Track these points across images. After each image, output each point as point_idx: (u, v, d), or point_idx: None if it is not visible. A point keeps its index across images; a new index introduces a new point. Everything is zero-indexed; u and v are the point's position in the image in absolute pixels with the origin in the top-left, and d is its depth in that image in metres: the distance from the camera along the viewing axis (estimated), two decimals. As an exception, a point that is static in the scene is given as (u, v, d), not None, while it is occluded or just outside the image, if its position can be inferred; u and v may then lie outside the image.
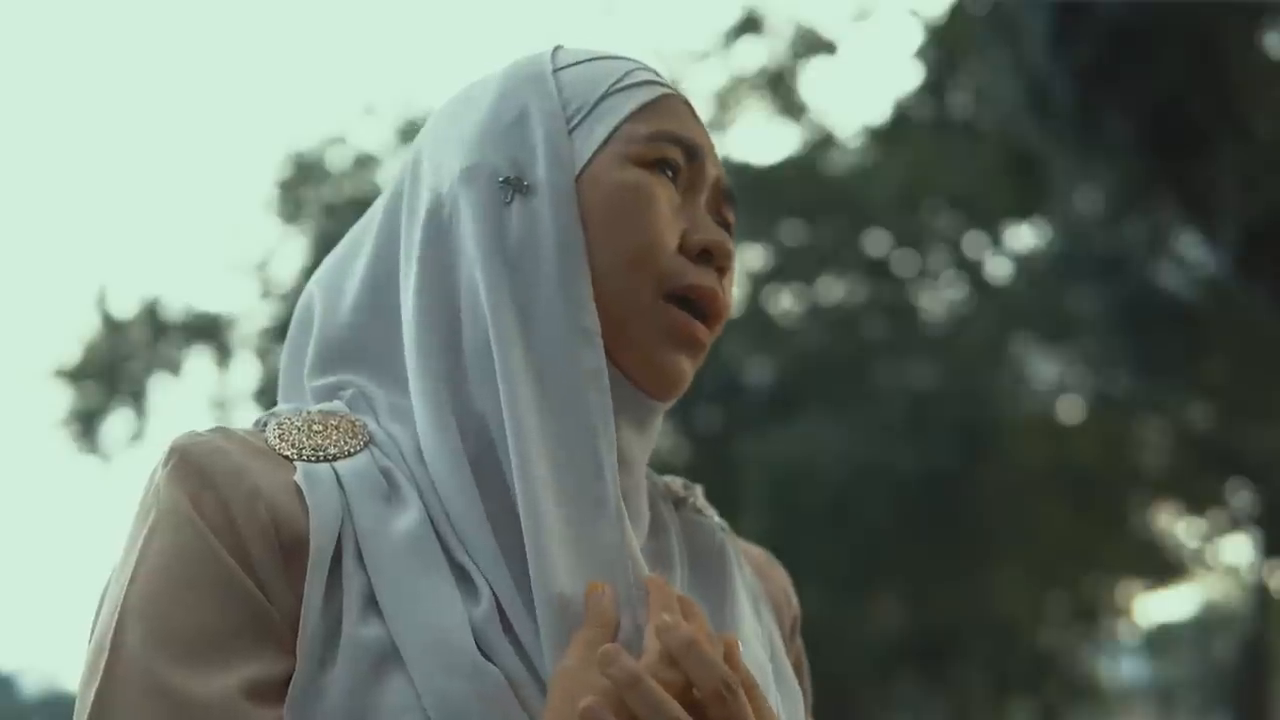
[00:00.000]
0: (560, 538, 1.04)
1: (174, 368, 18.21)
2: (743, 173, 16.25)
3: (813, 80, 22.76)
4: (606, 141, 1.14)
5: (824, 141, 17.08)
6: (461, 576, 1.03)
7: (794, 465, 13.65)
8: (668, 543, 1.20)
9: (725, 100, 17.11)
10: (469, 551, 1.04)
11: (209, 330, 17.97)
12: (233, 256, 18.14)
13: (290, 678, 0.99)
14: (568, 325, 1.09)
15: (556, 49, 1.22)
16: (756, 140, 25.46)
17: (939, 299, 16.71)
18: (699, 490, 1.29)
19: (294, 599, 1.00)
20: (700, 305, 1.13)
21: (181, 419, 18.57)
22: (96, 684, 0.98)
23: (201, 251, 30.90)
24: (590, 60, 1.20)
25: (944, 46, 13.98)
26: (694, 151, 1.17)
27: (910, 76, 16.09)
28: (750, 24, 16.79)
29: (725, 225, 1.20)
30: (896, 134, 15.86)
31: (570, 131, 1.15)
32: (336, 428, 1.10)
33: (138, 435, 18.00)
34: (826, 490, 13.61)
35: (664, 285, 1.12)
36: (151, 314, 18.02)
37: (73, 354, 18.18)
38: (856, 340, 16.14)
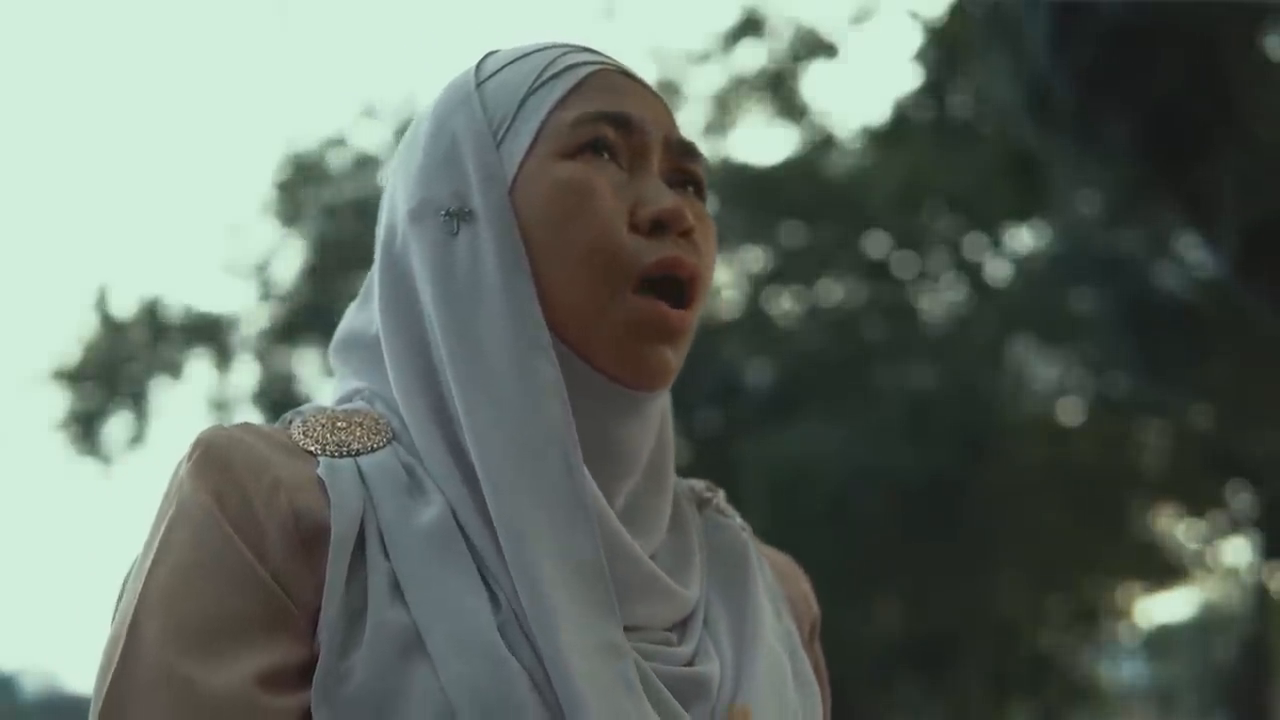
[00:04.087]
0: (545, 550, 1.03)
1: (174, 370, 18.18)
2: (742, 174, 16.27)
3: (813, 82, 22.71)
4: (533, 144, 1.12)
5: (824, 143, 17.08)
6: (484, 578, 1.04)
7: (794, 467, 13.65)
8: (688, 540, 1.19)
9: (725, 102, 17.11)
10: (483, 557, 1.05)
11: (209, 331, 17.95)
12: (232, 258, 18.08)
13: (307, 667, 1.00)
14: (516, 342, 1.08)
15: (483, 59, 1.21)
16: (756, 142, 25.46)
17: (939, 301, 16.71)
18: (722, 494, 1.30)
19: (313, 589, 1.02)
20: (670, 282, 1.11)
21: (182, 421, 18.57)
22: (111, 673, 1.00)
23: (201, 252, 30.91)
24: (512, 62, 1.18)
25: (943, 48, 13.98)
26: (625, 121, 1.14)
27: (910, 78, 16.09)
28: (750, 26, 16.80)
29: (691, 181, 1.18)
30: (896, 136, 15.86)
31: (498, 145, 1.13)
32: (360, 424, 1.12)
33: (138, 437, 17.97)
34: (826, 492, 13.61)
35: (624, 274, 1.10)
36: (151, 315, 17.99)
37: (72, 355, 18.16)
38: (856, 342, 16.14)
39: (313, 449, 1.09)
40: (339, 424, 1.11)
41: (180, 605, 1.00)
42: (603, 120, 1.13)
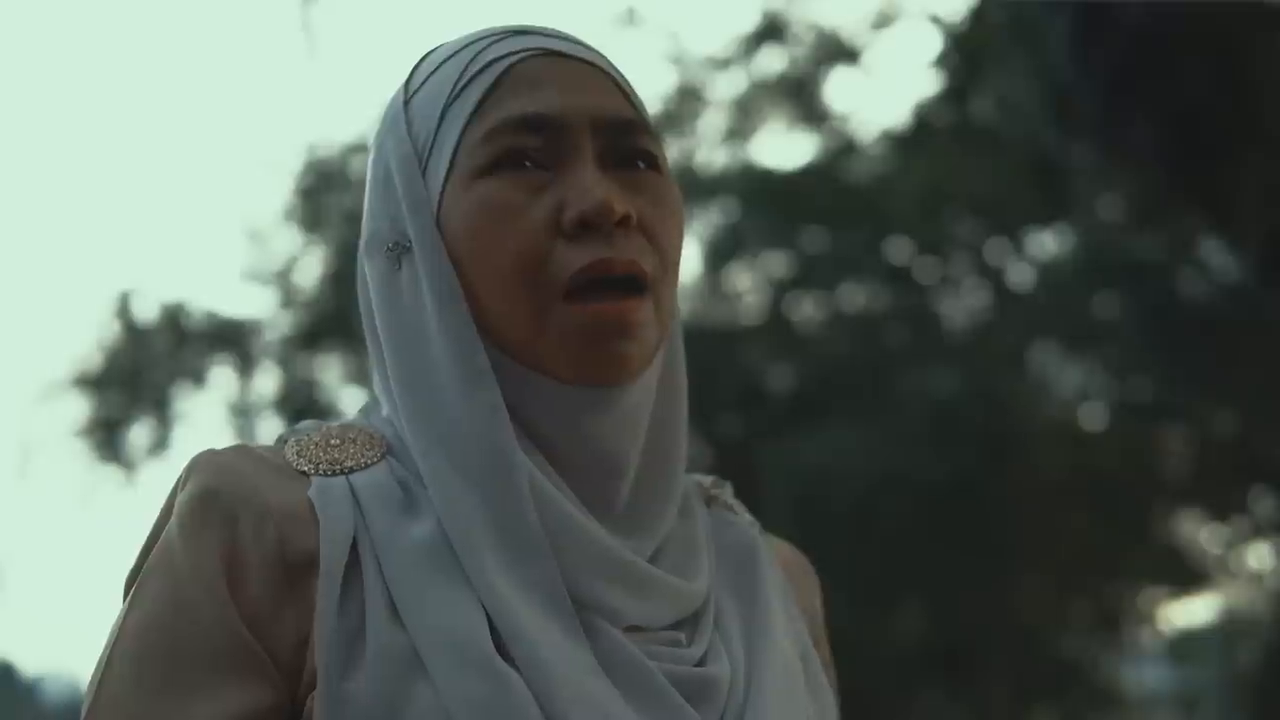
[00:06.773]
0: (505, 576, 1.03)
1: (197, 376, 18.19)
2: (764, 179, 16.27)
3: (834, 87, 22.70)
4: (452, 162, 1.10)
5: (845, 148, 17.05)
6: None
7: (815, 473, 13.61)
8: (695, 532, 1.18)
9: (747, 107, 17.10)
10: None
11: (231, 337, 17.96)
12: (254, 264, 18.09)
13: (281, 710, 1.00)
14: (457, 373, 1.07)
15: (415, 67, 1.18)
16: (778, 147, 25.39)
17: (961, 306, 16.66)
18: (729, 488, 1.28)
19: (298, 624, 1.01)
20: (604, 282, 1.07)
21: (205, 428, 18.59)
22: (88, 704, 1.01)
23: (223, 258, 30.98)
24: (437, 68, 1.15)
25: (965, 53, 13.96)
26: (540, 123, 1.09)
27: (931, 83, 16.04)
28: (772, 31, 16.78)
29: (641, 156, 1.12)
30: (918, 141, 15.83)
31: (424, 170, 1.11)
32: (354, 441, 1.11)
33: (160, 444, 17.96)
34: (848, 497, 13.58)
35: (551, 286, 1.07)
36: (174, 321, 18.00)
37: (94, 361, 18.15)
38: (878, 347, 16.10)
39: (306, 469, 1.08)
40: (333, 441, 1.10)
41: (150, 643, 1.00)
42: (518, 128, 1.09)
